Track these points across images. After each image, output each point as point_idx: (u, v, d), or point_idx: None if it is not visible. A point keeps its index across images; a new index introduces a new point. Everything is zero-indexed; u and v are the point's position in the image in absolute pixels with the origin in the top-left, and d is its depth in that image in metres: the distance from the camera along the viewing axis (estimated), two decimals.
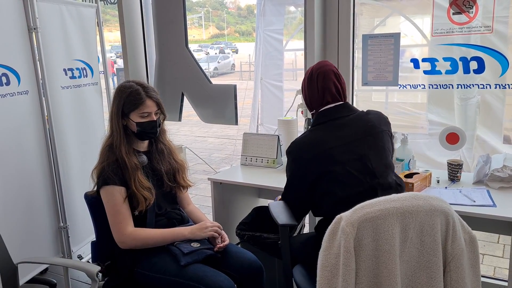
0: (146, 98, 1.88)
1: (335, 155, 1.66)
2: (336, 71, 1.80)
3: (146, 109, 1.88)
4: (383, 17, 3.69)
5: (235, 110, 3.06)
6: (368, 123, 1.74)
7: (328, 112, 1.76)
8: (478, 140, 3.59)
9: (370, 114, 1.80)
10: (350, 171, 1.65)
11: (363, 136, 1.71)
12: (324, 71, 1.78)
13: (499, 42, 2.61)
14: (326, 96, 1.76)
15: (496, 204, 1.86)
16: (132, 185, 1.83)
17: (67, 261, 2.42)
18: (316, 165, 1.67)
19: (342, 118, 1.74)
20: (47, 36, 2.47)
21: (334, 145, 1.67)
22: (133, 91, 1.88)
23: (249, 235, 2.21)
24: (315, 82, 1.79)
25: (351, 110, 1.78)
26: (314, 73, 1.80)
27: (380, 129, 1.76)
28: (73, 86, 2.71)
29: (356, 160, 1.67)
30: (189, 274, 1.73)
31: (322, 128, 1.75)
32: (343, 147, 1.67)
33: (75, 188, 2.65)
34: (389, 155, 1.77)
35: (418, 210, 1.23)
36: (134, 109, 1.87)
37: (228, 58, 21.21)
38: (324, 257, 1.23)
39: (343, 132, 1.71)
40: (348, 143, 1.68)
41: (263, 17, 5.71)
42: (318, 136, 1.72)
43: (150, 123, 1.90)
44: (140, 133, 1.91)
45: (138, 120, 1.88)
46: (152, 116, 1.90)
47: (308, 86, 1.82)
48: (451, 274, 1.27)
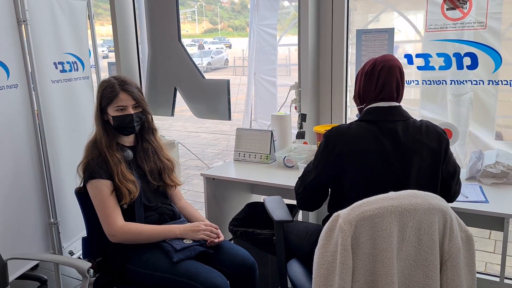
0: (120, 91, 1.87)
1: (371, 159, 1.55)
2: (402, 69, 1.64)
3: (120, 102, 1.87)
4: (377, 12, 3.68)
5: (228, 105, 3.04)
6: (414, 136, 1.57)
7: (381, 111, 1.61)
8: (471, 136, 3.60)
9: (421, 125, 1.61)
10: (380, 179, 1.55)
11: (405, 149, 1.55)
12: (390, 65, 1.61)
13: (492, 38, 2.61)
14: (384, 92, 1.61)
15: (489, 200, 1.86)
16: (115, 178, 1.83)
17: (58, 257, 2.40)
18: (347, 160, 1.57)
19: (390, 122, 1.59)
20: (37, 28, 2.43)
21: (373, 149, 1.55)
22: (108, 85, 1.90)
23: (242, 231, 2.21)
24: (377, 74, 1.62)
25: (401, 116, 1.61)
26: (378, 65, 1.62)
27: (427, 145, 1.57)
28: (64, 80, 2.67)
29: (389, 172, 1.55)
30: (182, 271, 1.72)
31: (367, 126, 1.60)
32: (381, 154, 1.55)
33: (65, 184, 2.62)
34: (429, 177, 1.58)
35: (416, 208, 1.22)
36: (109, 103, 1.88)
37: (222, 53, 21.14)
38: (321, 254, 1.22)
39: (385, 138, 1.56)
40: (387, 151, 1.55)
41: (257, 11, 5.68)
42: (360, 133, 1.59)
43: (126, 117, 1.89)
44: (117, 127, 1.91)
45: (114, 114, 1.89)
46: (129, 109, 1.89)
47: (367, 77, 1.65)
48: (447, 273, 1.27)
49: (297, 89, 2.68)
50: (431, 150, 1.58)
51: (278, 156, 2.46)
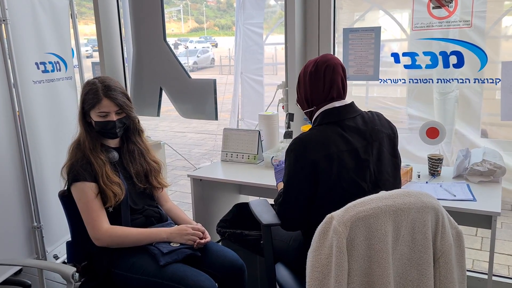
0: (103, 97, 1.82)
1: (344, 160, 1.53)
2: (343, 67, 1.66)
3: (102, 108, 1.83)
4: (363, 11, 3.69)
5: (215, 105, 3.01)
6: (374, 127, 1.62)
7: (336, 112, 1.61)
8: (457, 134, 3.64)
9: (374, 116, 1.67)
10: (355, 178, 1.55)
11: (370, 141, 1.59)
12: (333, 64, 1.62)
13: (476, 37, 2.63)
14: (332, 91, 1.62)
15: (476, 198, 1.87)
16: (100, 180, 1.79)
17: (41, 262, 2.35)
18: (323, 166, 1.52)
19: (350, 120, 1.60)
20: (18, 28, 2.37)
21: (344, 149, 1.54)
22: (92, 89, 1.84)
23: (230, 233, 2.18)
24: (322, 74, 1.62)
25: (356, 111, 1.64)
26: (321, 65, 1.62)
27: (385, 133, 1.64)
28: (46, 80, 2.62)
29: (362, 168, 1.56)
30: (169, 274, 1.69)
31: (331, 128, 1.59)
32: (351, 152, 1.55)
33: (49, 186, 2.57)
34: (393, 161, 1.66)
35: (410, 207, 1.21)
36: (91, 108, 1.84)
37: (208, 52, 21.04)
38: (314, 257, 1.20)
39: (351, 136, 1.57)
40: (356, 149, 1.56)
41: (243, 10, 5.66)
42: (328, 136, 1.56)
43: (107, 123, 1.85)
44: (99, 131, 1.87)
45: (96, 119, 1.85)
46: (112, 116, 1.84)
47: (311, 79, 1.65)
48: (440, 270, 1.27)
49: (284, 89, 2.66)
50: (389, 137, 1.66)
51: (266, 156, 2.45)
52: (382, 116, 1.71)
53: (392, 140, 1.66)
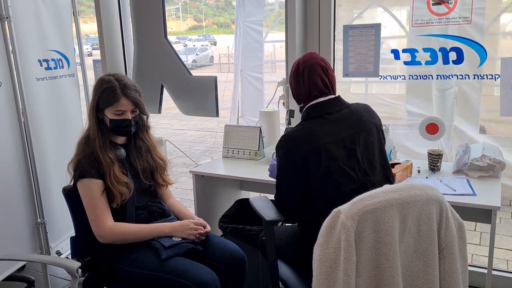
0: (121, 96, 1.82)
1: (332, 151, 1.59)
2: (323, 64, 1.72)
3: (120, 107, 1.83)
4: (362, 8, 3.70)
5: (216, 102, 3.02)
6: (361, 117, 1.68)
7: (320, 106, 1.68)
8: (456, 130, 3.66)
9: (361, 107, 1.74)
10: (344, 168, 1.60)
11: (357, 131, 1.65)
12: (310, 64, 1.70)
13: (475, 33, 2.65)
14: (312, 91, 1.69)
15: (476, 193, 1.89)
16: (107, 179, 1.80)
17: (46, 257, 2.37)
18: (312, 159, 1.58)
19: (335, 112, 1.66)
20: (21, 25, 2.39)
21: (330, 140, 1.60)
22: (109, 88, 1.83)
23: (232, 228, 2.21)
24: (301, 76, 1.71)
25: (342, 104, 1.70)
26: (301, 66, 1.72)
27: (372, 123, 1.71)
28: (49, 77, 2.63)
29: (350, 157, 1.61)
30: (170, 268, 1.71)
31: (315, 122, 1.66)
32: (337, 142, 1.61)
33: (52, 182, 2.58)
34: (381, 150, 1.72)
35: (415, 200, 1.23)
36: (108, 105, 1.83)
37: (207, 50, 21.02)
38: (322, 251, 1.20)
39: (337, 127, 1.64)
40: (342, 139, 1.62)
41: (243, 8, 5.66)
42: (313, 129, 1.63)
43: (123, 121, 1.85)
44: (113, 129, 1.87)
45: (112, 117, 1.84)
46: (127, 114, 1.85)
47: (295, 80, 1.75)
48: (445, 261, 1.29)
49: (284, 85, 2.68)
50: (376, 126, 1.72)
51: (267, 152, 2.47)
52: (369, 107, 1.78)
53: (378, 129, 1.74)
